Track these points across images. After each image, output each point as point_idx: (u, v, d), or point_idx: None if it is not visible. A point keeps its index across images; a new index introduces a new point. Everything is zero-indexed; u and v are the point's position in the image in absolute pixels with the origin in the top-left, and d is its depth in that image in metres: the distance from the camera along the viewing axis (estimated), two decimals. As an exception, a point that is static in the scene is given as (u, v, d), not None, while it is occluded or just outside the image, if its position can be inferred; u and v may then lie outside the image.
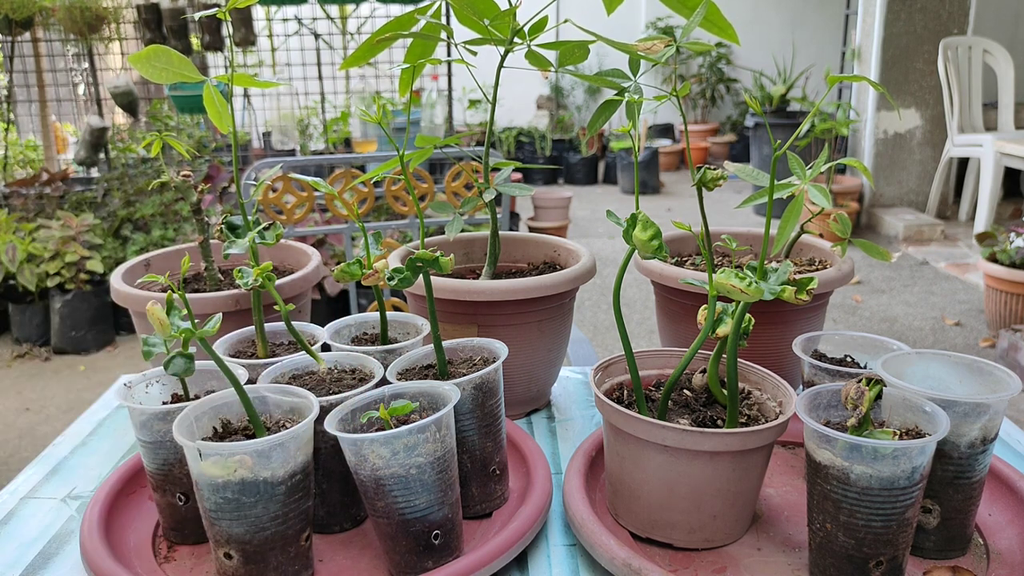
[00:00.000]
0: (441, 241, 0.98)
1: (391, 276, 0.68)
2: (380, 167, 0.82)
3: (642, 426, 0.62)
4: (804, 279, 0.62)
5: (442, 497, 0.60)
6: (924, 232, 4.45)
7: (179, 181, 0.85)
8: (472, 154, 1.12)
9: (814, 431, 0.57)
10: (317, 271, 0.94)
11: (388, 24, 0.79)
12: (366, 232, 0.75)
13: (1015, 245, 2.95)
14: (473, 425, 0.68)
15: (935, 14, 4.57)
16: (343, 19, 5.03)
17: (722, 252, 0.99)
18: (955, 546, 0.64)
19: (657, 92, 0.68)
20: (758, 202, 0.72)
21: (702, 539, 0.65)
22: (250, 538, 0.57)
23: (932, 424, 0.58)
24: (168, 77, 0.71)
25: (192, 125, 4.58)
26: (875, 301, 3.60)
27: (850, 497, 0.56)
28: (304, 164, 2.52)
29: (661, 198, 6.05)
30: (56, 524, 0.72)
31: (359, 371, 0.71)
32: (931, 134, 4.77)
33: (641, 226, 0.62)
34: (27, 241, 3.11)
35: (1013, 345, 2.69)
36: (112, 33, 4.17)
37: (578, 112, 7.42)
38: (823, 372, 0.72)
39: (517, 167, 0.89)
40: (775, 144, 0.60)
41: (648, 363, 0.74)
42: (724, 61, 7.28)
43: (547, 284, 0.83)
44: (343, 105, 5.23)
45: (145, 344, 0.61)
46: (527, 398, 0.91)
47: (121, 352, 3.26)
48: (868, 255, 0.76)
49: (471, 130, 6.16)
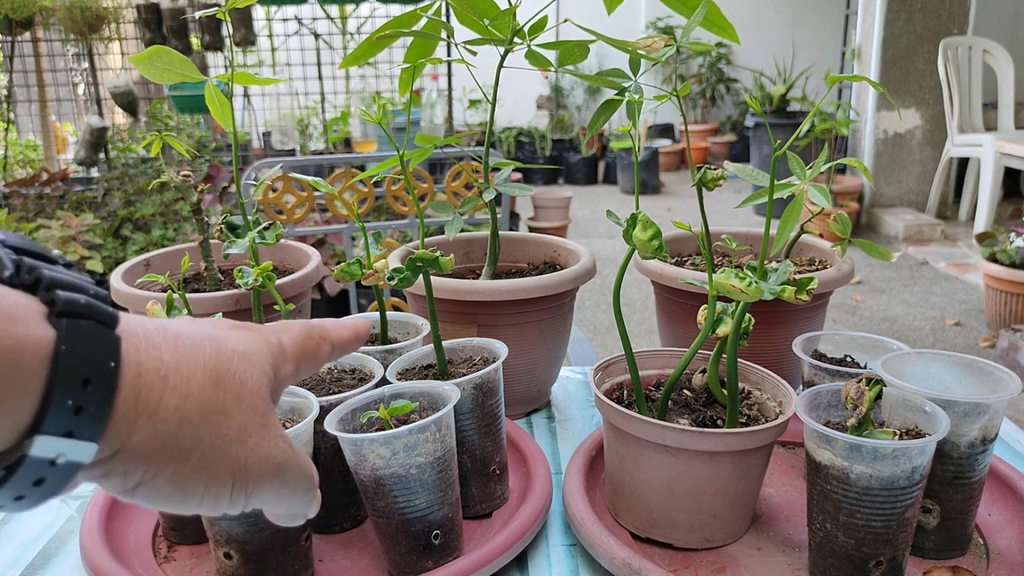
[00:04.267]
0: (441, 241, 0.98)
1: (391, 276, 0.68)
2: (380, 166, 0.82)
3: (642, 426, 0.62)
4: (804, 279, 0.62)
5: (442, 497, 0.60)
6: (924, 232, 4.45)
7: (179, 181, 0.85)
8: (472, 154, 1.12)
9: (814, 431, 0.57)
10: (317, 271, 0.94)
11: (388, 23, 0.79)
12: (366, 232, 0.75)
13: (1015, 245, 2.95)
14: (473, 425, 0.68)
15: (935, 14, 4.57)
16: (343, 19, 5.03)
17: (722, 252, 0.99)
18: (955, 546, 0.64)
19: (657, 92, 0.68)
20: (758, 202, 0.72)
21: (702, 539, 0.65)
22: (250, 538, 0.57)
23: (932, 424, 0.58)
24: (169, 77, 0.72)
25: (192, 125, 4.58)
26: (875, 301, 3.60)
27: (850, 497, 0.56)
28: (304, 164, 2.52)
29: (661, 198, 6.05)
30: (56, 524, 0.72)
31: (359, 371, 0.71)
32: (931, 134, 4.77)
33: (641, 226, 0.62)
34: (27, 241, 3.11)
35: (1013, 345, 2.69)
36: (112, 33, 4.17)
37: (578, 112, 7.42)
38: (823, 372, 0.72)
39: (517, 167, 0.89)
40: (775, 144, 0.60)
41: (648, 363, 0.74)
42: (724, 61, 7.28)
43: (547, 284, 0.83)
44: (343, 105, 5.23)
45: (145, 344, 0.61)
46: (527, 398, 0.91)
47: (121, 352, 3.26)
48: (868, 255, 0.76)
49: (471, 130, 6.16)
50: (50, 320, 0.30)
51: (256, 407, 0.37)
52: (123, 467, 0.33)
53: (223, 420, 0.35)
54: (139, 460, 0.33)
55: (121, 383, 0.32)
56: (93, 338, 0.31)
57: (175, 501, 0.35)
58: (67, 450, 0.30)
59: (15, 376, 0.29)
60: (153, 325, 0.35)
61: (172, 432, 0.33)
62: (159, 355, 0.34)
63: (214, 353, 0.36)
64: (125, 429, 0.32)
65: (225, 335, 0.38)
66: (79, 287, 0.32)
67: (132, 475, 0.34)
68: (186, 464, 0.34)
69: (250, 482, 0.37)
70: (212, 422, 0.35)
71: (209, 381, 0.35)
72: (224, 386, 0.36)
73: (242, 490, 0.37)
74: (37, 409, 0.30)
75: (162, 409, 0.33)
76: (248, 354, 0.38)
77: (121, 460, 0.33)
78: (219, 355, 0.36)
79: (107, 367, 0.31)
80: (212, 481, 0.35)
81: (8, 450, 0.30)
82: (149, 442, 0.33)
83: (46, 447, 0.30)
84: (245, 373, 0.37)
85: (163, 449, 0.33)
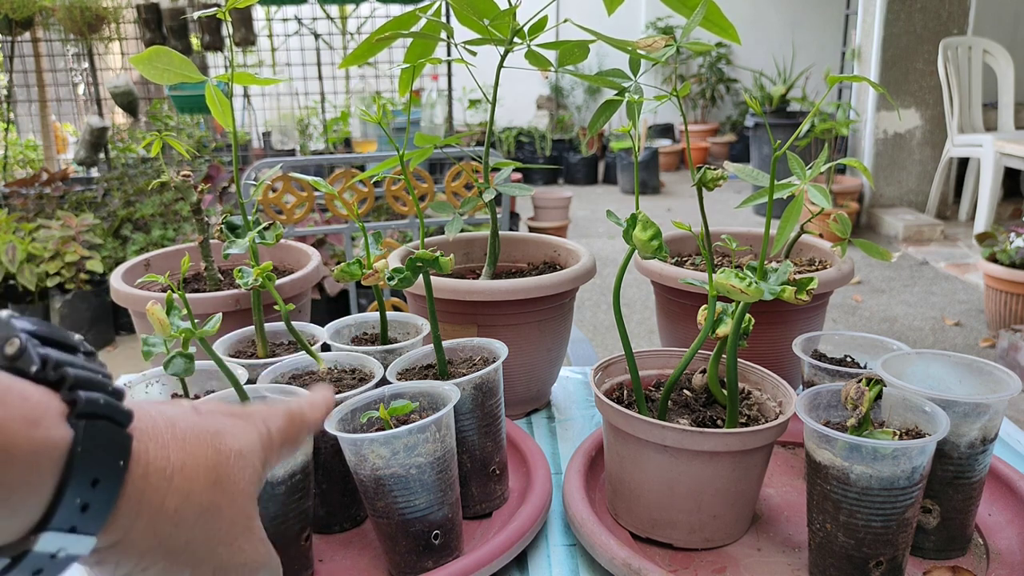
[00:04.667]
0: (441, 241, 0.98)
1: (391, 276, 0.68)
2: (380, 166, 0.82)
3: (642, 426, 0.62)
4: (804, 279, 0.62)
5: (442, 497, 0.60)
6: (924, 232, 4.45)
7: (179, 181, 0.85)
8: (472, 154, 1.12)
9: (814, 431, 0.57)
10: (317, 271, 0.94)
11: (388, 23, 0.79)
12: (366, 232, 0.75)
13: (1015, 245, 2.95)
14: (473, 425, 0.68)
15: (935, 14, 4.57)
16: (343, 19, 5.03)
17: (722, 252, 0.99)
18: (955, 546, 0.64)
19: (657, 92, 0.68)
20: (758, 202, 0.72)
21: (702, 539, 0.65)
22: (250, 538, 0.57)
23: (932, 424, 0.58)
24: (169, 78, 0.72)
25: (192, 125, 4.58)
26: (875, 301, 3.60)
27: (850, 497, 0.56)
28: (304, 164, 2.52)
29: (661, 198, 6.05)
30: (56, 524, 0.72)
31: (359, 371, 0.71)
32: (931, 134, 4.77)
33: (641, 226, 0.62)
34: (27, 241, 3.11)
35: (1013, 345, 2.69)
36: (112, 33, 4.17)
37: (578, 112, 7.42)
38: (823, 372, 0.72)
39: (517, 167, 0.89)
40: (775, 144, 0.60)
41: (648, 363, 0.74)
42: (724, 61, 7.28)
43: (547, 284, 0.83)
44: (343, 105, 5.23)
45: (145, 344, 0.61)
46: (527, 398, 0.91)
47: (121, 352, 3.26)
48: (868, 255, 0.76)
49: (471, 130, 6.16)
50: (69, 420, 0.32)
51: (245, 509, 0.40)
52: (116, 558, 0.35)
53: (216, 521, 0.38)
54: (132, 554, 0.35)
55: (128, 481, 0.33)
56: (108, 439, 0.33)
57: None
58: (68, 544, 0.32)
59: (30, 479, 0.30)
60: (164, 421, 0.37)
61: (168, 532, 0.35)
62: (167, 455, 0.36)
63: (215, 453, 0.38)
64: (126, 524, 0.34)
65: (226, 429, 0.40)
66: (99, 385, 0.34)
67: (123, 566, 0.35)
68: (175, 561, 0.36)
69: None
70: (206, 522, 0.37)
71: (210, 482, 0.37)
72: (222, 488, 0.38)
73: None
74: (47, 507, 0.31)
75: (164, 510, 0.35)
76: (244, 453, 0.40)
77: (115, 552, 0.34)
78: (220, 455, 0.38)
79: (116, 466, 0.33)
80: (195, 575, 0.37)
81: (14, 543, 0.31)
82: (146, 540, 0.35)
83: (49, 543, 0.31)
84: (240, 473, 0.39)
85: (157, 547, 0.35)
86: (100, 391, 0.33)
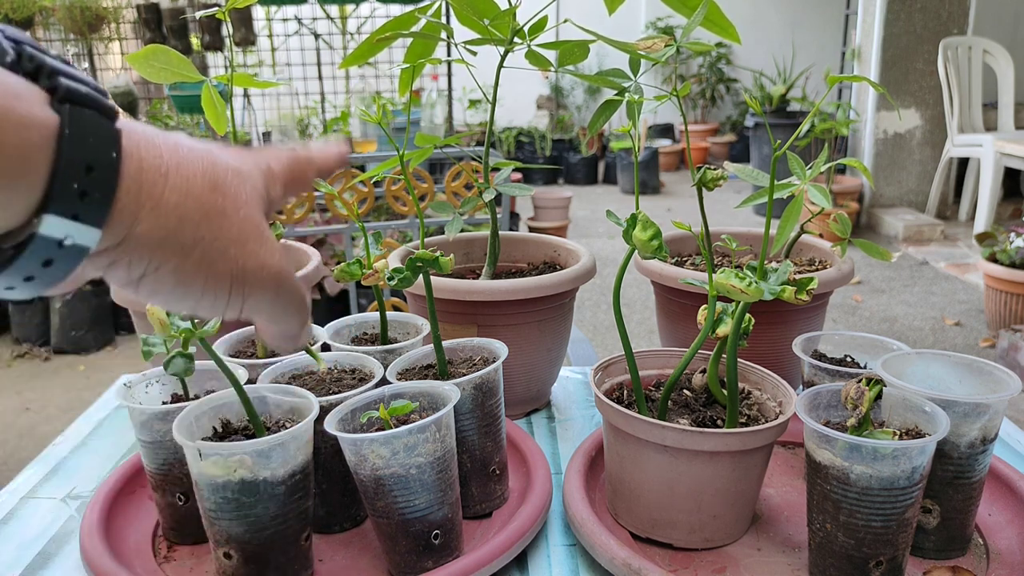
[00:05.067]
0: (441, 241, 0.98)
1: (391, 276, 0.68)
2: (380, 166, 0.82)
3: (642, 426, 0.62)
4: (804, 279, 0.62)
5: (442, 497, 0.60)
6: (924, 232, 4.45)
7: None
8: (472, 154, 1.12)
9: (814, 431, 0.57)
10: (317, 271, 0.94)
11: (388, 23, 0.79)
12: (366, 232, 0.75)
13: (1015, 245, 2.95)
14: (473, 425, 0.68)
15: (935, 14, 4.57)
16: (343, 19, 5.03)
17: (722, 252, 0.99)
18: (955, 546, 0.64)
19: (657, 92, 0.68)
20: (758, 202, 0.72)
21: (702, 539, 0.65)
22: (250, 538, 0.57)
23: (932, 424, 0.58)
24: (168, 77, 0.71)
25: (192, 125, 4.57)
26: (875, 301, 3.60)
27: (850, 497, 0.56)
28: (304, 164, 2.51)
29: (661, 198, 6.05)
30: (56, 524, 0.72)
31: (359, 371, 0.71)
32: (931, 134, 4.77)
33: (641, 226, 0.62)
34: (27, 241, 3.11)
35: (1013, 345, 2.69)
36: (112, 33, 4.17)
37: (578, 112, 7.42)
38: (823, 372, 0.72)
39: (517, 167, 0.89)
40: (775, 144, 0.60)
41: (648, 363, 0.74)
42: (724, 61, 7.28)
43: (547, 284, 0.83)
44: (343, 105, 5.23)
45: (145, 344, 0.61)
46: (527, 398, 0.91)
47: (121, 352, 3.26)
48: (868, 255, 0.76)
49: (471, 130, 6.16)
50: (53, 106, 0.31)
51: (252, 217, 0.38)
52: (128, 257, 0.34)
53: (222, 222, 0.36)
54: (143, 251, 0.34)
55: (123, 174, 0.33)
56: (95, 127, 0.32)
57: (176, 296, 0.37)
58: (73, 232, 0.32)
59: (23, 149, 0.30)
60: (152, 128, 0.36)
61: (174, 226, 0.35)
62: (160, 154, 0.35)
63: (211, 164, 0.37)
64: (129, 219, 0.33)
65: (218, 152, 0.39)
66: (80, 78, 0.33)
67: (136, 266, 0.35)
68: (188, 259, 0.35)
69: (247, 286, 0.38)
70: (212, 222, 0.36)
71: (208, 185, 0.36)
72: (222, 192, 0.37)
73: (239, 293, 0.38)
74: (44, 188, 0.31)
75: (164, 204, 0.34)
76: (241, 171, 0.39)
77: (126, 250, 0.34)
78: (216, 167, 0.37)
79: (109, 157, 0.32)
80: (211, 279, 0.37)
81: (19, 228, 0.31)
82: (152, 234, 0.34)
83: (54, 226, 0.31)
84: (240, 187, 0.38)
85: (166, 242, 0.35)
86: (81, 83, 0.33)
